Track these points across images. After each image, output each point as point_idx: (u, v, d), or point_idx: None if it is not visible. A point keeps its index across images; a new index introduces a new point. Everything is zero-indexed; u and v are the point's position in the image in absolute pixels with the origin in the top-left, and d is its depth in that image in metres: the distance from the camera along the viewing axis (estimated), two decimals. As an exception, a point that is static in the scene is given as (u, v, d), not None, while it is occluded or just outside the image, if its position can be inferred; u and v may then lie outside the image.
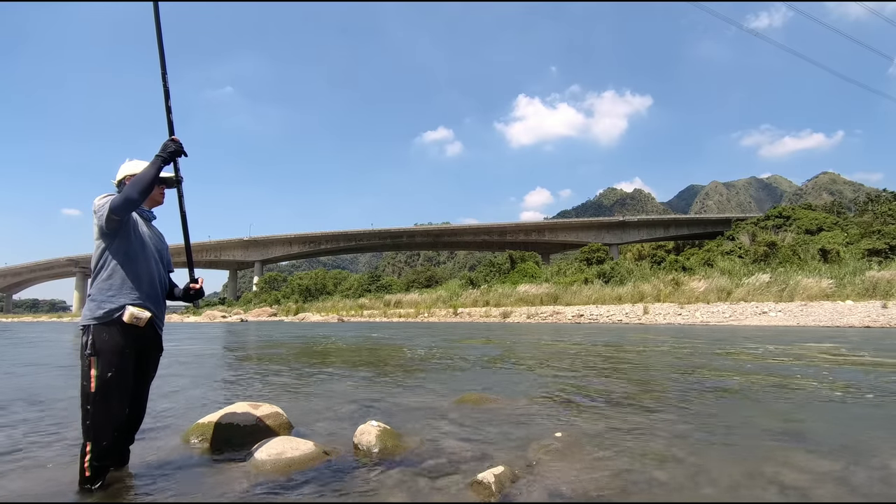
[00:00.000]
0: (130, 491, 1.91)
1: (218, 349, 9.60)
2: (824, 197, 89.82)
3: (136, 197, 1.89)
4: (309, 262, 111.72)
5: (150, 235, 2.12)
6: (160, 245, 2.19)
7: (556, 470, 2.05)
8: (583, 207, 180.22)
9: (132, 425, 2.09)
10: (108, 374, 1.86)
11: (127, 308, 1.92)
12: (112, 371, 1.86)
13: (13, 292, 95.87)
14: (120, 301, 1.93)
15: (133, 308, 1.93)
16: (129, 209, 1.92)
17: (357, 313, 30.07)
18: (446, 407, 3.41)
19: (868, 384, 4.13)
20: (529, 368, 5.55)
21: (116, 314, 1.91)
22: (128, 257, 1.98)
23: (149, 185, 1.92)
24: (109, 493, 1.87)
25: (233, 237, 66.82)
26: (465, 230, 68.71)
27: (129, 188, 1.89)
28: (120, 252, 1.97)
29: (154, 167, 1.94)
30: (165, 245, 2.25)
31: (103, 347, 1.87)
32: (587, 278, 26.65)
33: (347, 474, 2.04)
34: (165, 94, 2.06)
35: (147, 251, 2.05)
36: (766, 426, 2.79)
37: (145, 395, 2.13)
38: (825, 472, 2.01)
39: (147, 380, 2.13)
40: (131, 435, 2.11)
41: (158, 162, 1.96)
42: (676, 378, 4.61)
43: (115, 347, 1.89)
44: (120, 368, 1.89)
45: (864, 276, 17.77)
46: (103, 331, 1.89)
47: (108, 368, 1.86)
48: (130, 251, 1.99)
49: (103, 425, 1.85)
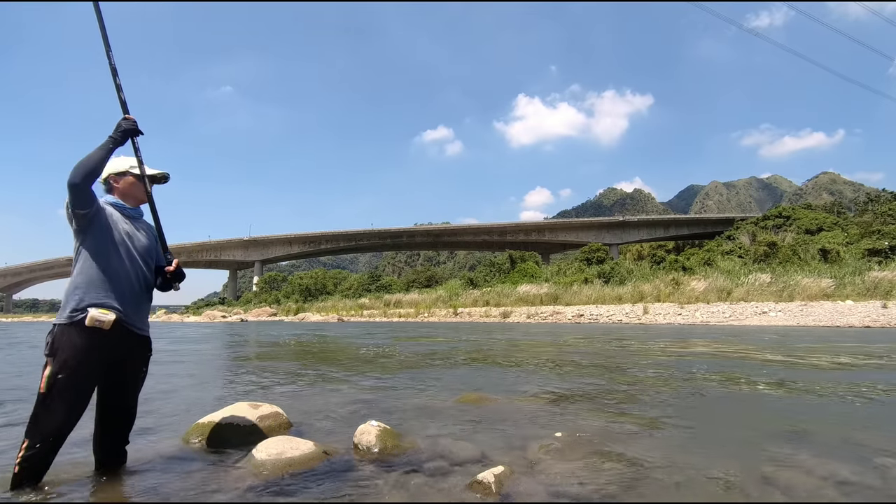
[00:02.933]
0: (130, 491, 1.90)
1: (218, 349, 9.59)
2: (824, 197, 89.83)
3: (79, 181, 1.78)
4: (309, 262, 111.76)
5: (131, 233, 2.01)
6: (146, 242, 2.07)
7: (557, 470, 2.04)
8: (583, 207, 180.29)
9: (119, 430, 2.02)
10: (58, 377, 1.77)
11: (88, 311, 1.82)
12: (63, 375, 1.78)
13: (13, 292, 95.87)
14: (84, 302, 1.84)
15: (95, 310, 1.83)
16: (77, 196, 1.81)
17: (357, 313, 30.08)
18: (446, 407, 3.40)
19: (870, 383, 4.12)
20: (531, 369, 5.55)
21: (79, 316, 1.82)
22: (98, 256, 1.90)
23: (93, 167, 1.81)
24: (109, 493, 1.87)
25: (233, 237, 66.86)
26: (465, 230, 68.70)
27: (72, 171, 1.78)
28: (91, 250, 1.90)
29: (102, 149, 1.85)
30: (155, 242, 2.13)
31: (60, 349, 1.80)
32: (587, 278, 26.66)
33: (347, 474, 2.04)
34: (112, 71, 1.95)
35: (123, 249, 1.95)
36: (769, 426, 2.79)
37: (130, 400, 2.04)
38: (825, 472, 2.01)
39: (127, 385, 2.02)
40: (121, 439, 2.04)
41: (109, 143, 1.86)
42: (676, 378, 4.60)
43: (74, 351, 1.80)
44: (74, 373, 1.79)
45: (865, 276, 17.78)
46: (65, 332, 1.82)
47: (60, 371, 1.78)
48: (102, 249, 1.91)
49: (41, 428, 1.77)
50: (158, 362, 6.76)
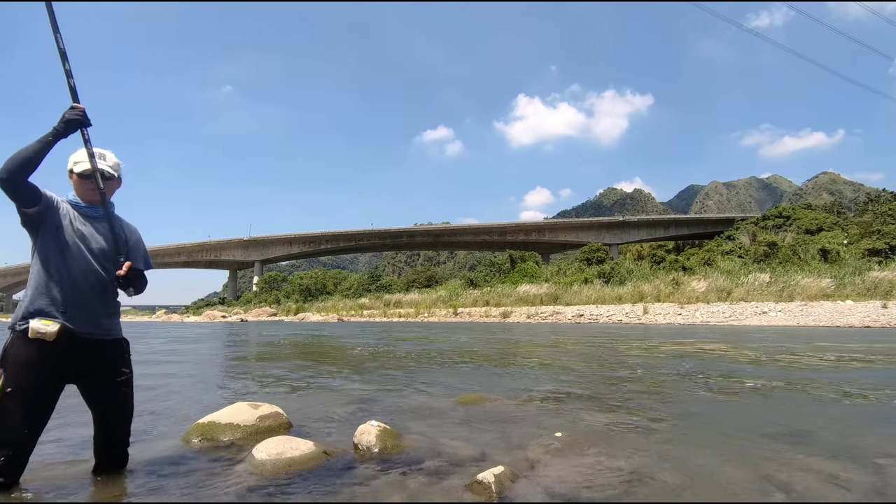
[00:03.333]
0: (130, 491, 1.90)
1: (218, 349, 9.59)
2: (824, 197, 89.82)
3: (4, 176, 1.65)
4: (309, 262, 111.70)
5: (88, 234, 1.87)
6: (105, 244, 1.90)
7: (557, 470, 2.04)
8: (583, 207, 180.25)
9: (115, 435, 1.97)
10: (7, 391, 1.69)
11: (30, 322, 1.72)
12: (11, 388, 1.69)
13: (13, 292, 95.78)
14: (29, 310, 1.75)
15: (36, 321, 1.72)
16: (8, 192, 1.68)
17: (357, 313, 30.08)
18: (446, 407, 3.40)
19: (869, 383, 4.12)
20: (531, 369, 5.54)
21: (22, 326, 1.73)
22: (48, 259, 1.79)
23: (21, 162, 1.66)
24: (109, 493, 1.87)
25: (233, 237, 66.80)
26: (465, 230, 68.69)
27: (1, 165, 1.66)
28: (42, 253, 1.80)
29: (40, 142, 1.70)
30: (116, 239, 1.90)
31: (10, 361, 1.72)
32: (587, 278, 26.67)
33: (347, 474, 2.04)
34: (62, 55, 1.78)
35: (76, 251, 1.82)
36: (768, 426, 2.79)
37: (119, 406, 1.96)
38: (825, 472, 2.01)
39: (107, 392, 1.92)
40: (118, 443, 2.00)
41: (49, 135, 1.71)
42: (676, 378, 4.60)
43: (20, 362, 1.71)
44: (21, 386, 1.70)
45: (865, 276, 17.79)
46: (14, 342, 1.74)
47: (8, 384, 1.69)
48: (52, 251, 1.80)
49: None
50: (159, 362, 6.76)
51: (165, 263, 67.96)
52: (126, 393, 1.99)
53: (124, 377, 1.98)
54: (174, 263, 69.73)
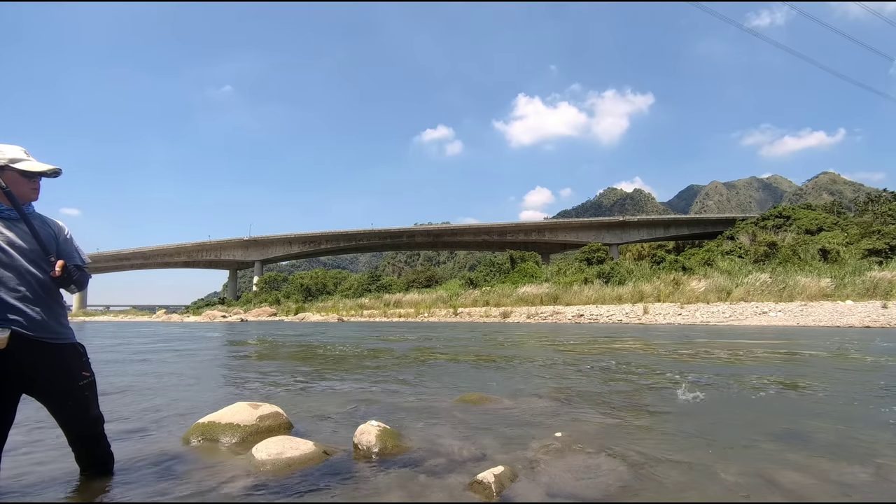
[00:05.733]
0: (130, 491, 1.90)
1: (218, 349, 9.59)
2: (824, 197, 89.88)
3: None
4: (309, 262, 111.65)
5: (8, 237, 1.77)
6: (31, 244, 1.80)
7: (557, 470, 2.04)
8: (583, 207, 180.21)
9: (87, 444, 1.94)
10: None
11: None
12: None
13: None
14: None
15: None
16: None
17: (357, 313, 30.07)
18: (446, 407, 3.40)
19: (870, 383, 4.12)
20: (531, 369, 5.54)
21: None
22: None
23: None
24: (109, 494, 1.87)
25: (233, 237, 66.77)
26: (465, 230, 68.68)
27: None
28: None
29: None
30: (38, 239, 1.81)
31: None
32: (587, 278, 26.66)
33: (347, 474, 2.04)
34: None
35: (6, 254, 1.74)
36: (768, 426, 2.79)
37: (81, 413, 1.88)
38: (825, 472, 2.01)
39: (63, 399, 1.85)
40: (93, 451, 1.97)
41: None
42: (676, 378, 4.60)
43: None
44: None
45: (864, 276, 17.79)
46: None
47: None
48: None
49: None
50: (158, 362, 6.77)
51: (165, 263, 67.98)
52: (88, 397, 1.91)
53: (85, 381, 1.90)
54: (174, 263, 69.73)
